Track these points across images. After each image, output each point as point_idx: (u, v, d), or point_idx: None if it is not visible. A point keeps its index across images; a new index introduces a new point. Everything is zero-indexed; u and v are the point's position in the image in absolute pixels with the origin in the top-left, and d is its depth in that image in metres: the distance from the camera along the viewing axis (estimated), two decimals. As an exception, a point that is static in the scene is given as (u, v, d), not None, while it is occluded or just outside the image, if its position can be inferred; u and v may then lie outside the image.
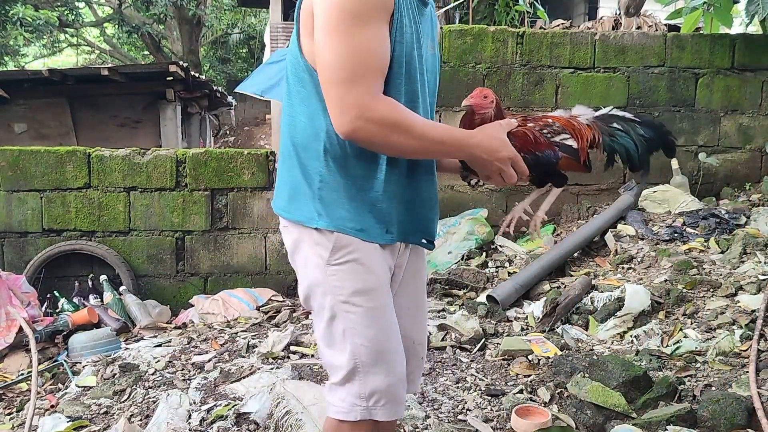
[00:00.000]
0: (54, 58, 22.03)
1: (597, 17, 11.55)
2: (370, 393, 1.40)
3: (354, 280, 1.36)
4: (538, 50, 4.68)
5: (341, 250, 1.36)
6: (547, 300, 3.40)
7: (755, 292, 3.16)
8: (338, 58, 1.22)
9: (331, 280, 1.37)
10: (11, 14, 12.46)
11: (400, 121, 1.26)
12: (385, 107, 1.25)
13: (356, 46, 1.22)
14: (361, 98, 1.23)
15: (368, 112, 1.23)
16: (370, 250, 1.39)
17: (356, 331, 1.38)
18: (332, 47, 1.23)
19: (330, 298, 1.38)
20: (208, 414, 2.40)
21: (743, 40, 4.82)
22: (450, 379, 2.66)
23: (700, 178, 4.82)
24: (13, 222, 4.17)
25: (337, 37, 1.22)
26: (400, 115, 1.27)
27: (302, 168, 1.38)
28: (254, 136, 15.93)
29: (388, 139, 1.27)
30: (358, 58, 1.22)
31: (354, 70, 1.22)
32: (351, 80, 1.22)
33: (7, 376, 3.19)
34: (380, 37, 1.26)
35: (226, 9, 19.66)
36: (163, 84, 8.16)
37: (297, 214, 1.39)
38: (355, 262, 1.37)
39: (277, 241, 4.34)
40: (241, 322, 3.71)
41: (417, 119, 1.30)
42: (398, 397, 1.45)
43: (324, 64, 1.25)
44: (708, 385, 2.41)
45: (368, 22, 1.23)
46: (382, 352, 1.40)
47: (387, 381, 1.41)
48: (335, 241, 1.36)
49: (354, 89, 1.22)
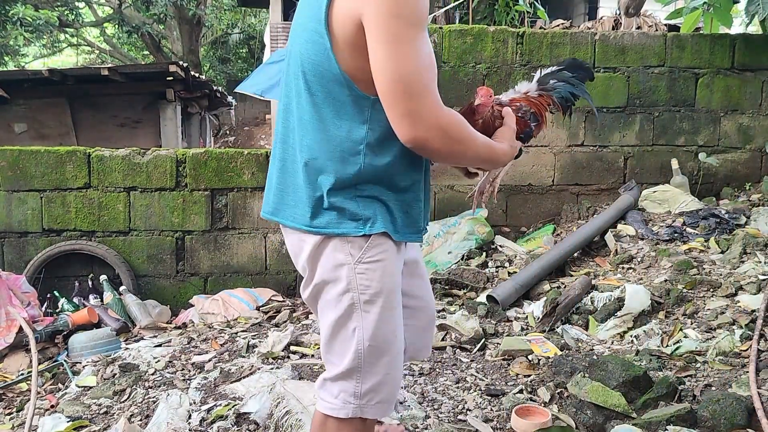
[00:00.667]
0: (54, 58, 22.03)
1: (597, 17, 11.56)
2: (365, 392, 1.42)
3: (380, 279, 1.38)
4: (538, 50, 4.68)
5: (375, 248, 1.38)
6: (547, 300, 3.40)
7: (755, 292, 3.16)
8: (409, 71, 1.22)
9: (360, 278, 1.37)
10: (11, 14, 12.46)
11: (461, 131, 1.33)
12: (452, 116, 1.31)
13: (421, 57, 1.24)
14: (434, 108, 1.25)
15: (441, 122, 1.27)
16: (394, 252, 1.42)
17: (368, 332, 1.39)
18: (401, 59, 1.22)
19: (351, 296, 1.38)
20: (208, 414, 2.40)
21: (743, 40, 4.82)
22: (450, 379, 2.66)
23: (700, 178, 4.82)
24: (13, 222, 4.17)
25: (402, 49, 1.21)
26: (462, 125, 1.34)
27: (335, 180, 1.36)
28: (254, 136, 15.93)
29: (452, 147, 1.32)
30: (425, 69, 1.24)
31: (423, 81, 1.24)
32: (422, 91, 1.24)
33: (7, 376, 3.19)
34: (431, 46, 1.30)
35: (226, 9, 19.67)
36: (163, 84, 8.16)
37: (333, 228, 1.37)
38: (384, 262, 1.39)
39: (277, 241, 4.34)
40: (241, 322, 3.71)
41: (473, 130, 1.38)
42: (392, 396, 1.47)
43: (393, 75, 1.23)
44: (708, 385, 2.41)
45: (423, 31, 1.25)
46: (387, 354, 1.42)
47: (385, 381, 1.43)
48: (371, 240, 1.38)
49: (426, 99, 1.24)
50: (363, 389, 1.42)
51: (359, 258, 1.37)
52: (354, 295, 1.38)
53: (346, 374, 1.42)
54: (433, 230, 4.39)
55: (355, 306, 1.38)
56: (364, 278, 1.38)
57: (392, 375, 1.44)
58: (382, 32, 1.22)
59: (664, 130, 4.82)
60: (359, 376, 1.41)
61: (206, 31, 19.18)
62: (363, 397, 1.42)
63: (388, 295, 1.40)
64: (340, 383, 1.43)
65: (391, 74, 1.23)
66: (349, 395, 1.42)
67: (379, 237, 1.38)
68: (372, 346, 1.40)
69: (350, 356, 1.40)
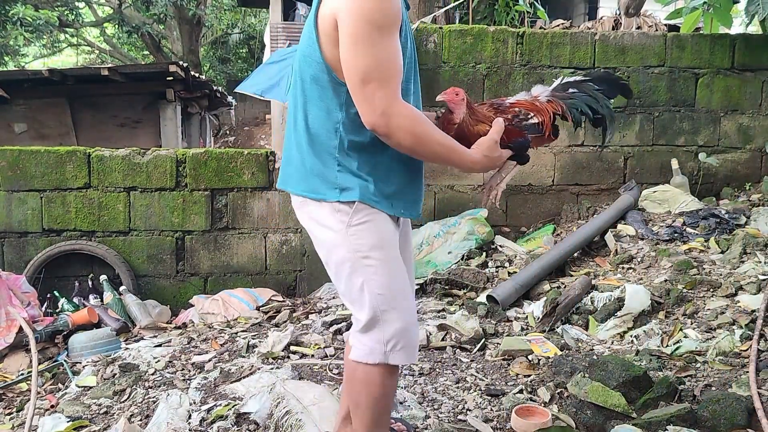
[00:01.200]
0: (54, 58, 22.02)
1: (597, 17, 11.55)
2: (388, 338, 1.60)
3: (371, 237, 1.59)
4: (538, 50, 4.68)
5: (359, 213, 1.59)
6: (547, 300, 3.40)
7: (755, 292, 3.16)
8: (366, 65, 1.44)
9: (352, 239, 1.59)
10: (11, 14, 12.45)
11: (416, 126, 1.49)
12: (406, 110, 1.48)
13: (380, 55, 1.44)
14: (386, 99, 1.45)
15: (392, 111, 1.46)
16: (381, 215, 1.62)
17: (374, 282, 1.59)
18: (360, 55, 1.44)
19: (351, 255, 1.60)
20: (208, 414, 2.40)
21: (743, 40, 4.82)
22: (450, 379, 2.66)
23: (700, 178, 4.82)
24: (13, 222, 4.17)
25: (363, 47, 1.43)
26: (418, 121, 1.50)
27: (320, 155, 1.60)
28: (254, 136, 15.93)
29: (408, 140, 1.49)
30: (383, 65, 1.44)
31: (379, 75, 1.44)
32: (377, 83, 1.44)
33: (7, 376, 3.19)
34: (397, 47, 1.48)
35: (226, 9, 19.65)
36: (163, 84, 8.16)
37: (320, 194, 1.61)
38: (371, 222, 1.60)
39: (277, 241, 4.35)
40: (241, 322, 3.71)
41: (431, 128, 1.53)
42: (413, 341, 1.64)
43: (353, 69, 1.46)
44: (708, 385, 2.41)
45: (388, 33, 1.45)
46: (397, 299, 1.61)
47: (403, 325, 1.61)
48: (355, 207, 1.59)
49: (379, 91, 1.44)
50: (386, 336, 1.60)
51: (348, 222, 1.59)
52: (352, 255, 1.60)
53: (370, 325, 1.61)
54: (433, 230, 4.39)
55: (357, 264, 1.60)
56: (356, 239, 1.59)
57: (410, 321, 1.62)
58: (348, 31, 1.44)
59: (664, 130, 4.82)
60: (380, 325, 1.60)
61: (206, 31, 19.17)
62: (387, 343, 1.60)
63: (382, 249, 1.60)
64: (369, 334, 1.62)
65: (352, 66, 1.45)
66: (375, 342, 1.61)
67: (362, 204, 1.59)
68: (381, 295, 1.59)
69: (367, 308, 1.60)
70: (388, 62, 1.45)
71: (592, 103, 1.79)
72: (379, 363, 1.62)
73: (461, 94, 1.67)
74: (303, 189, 1.65)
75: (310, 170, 1.62)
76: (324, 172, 1.60)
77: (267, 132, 15.32)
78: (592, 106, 1.79)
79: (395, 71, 1.47)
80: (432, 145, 1.53)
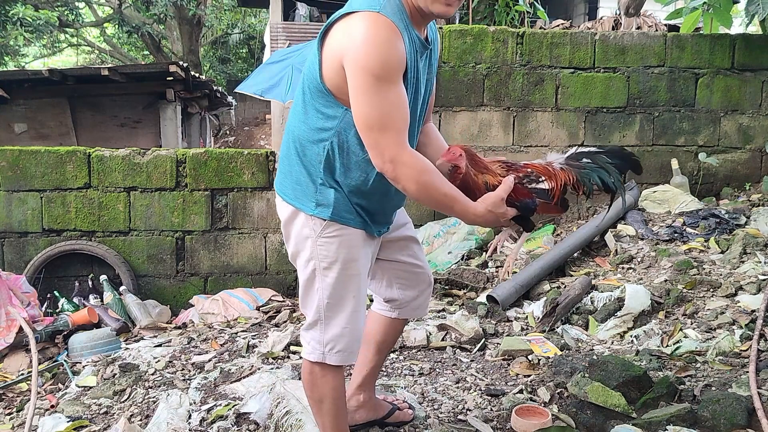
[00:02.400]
0: (54, 58, 22.02)
1: (597, 17, 11.56)
2: (327, 340, 1.73)
3: (336, 252, 1.69)
4: (538, 50, 4.68)
5: (330, 227, 1.68)
6: (547, 300, 3.40)
7: (755, 292, 3.16)
8: (368, 114, 1.53)
9: (319, 249, 1.69)
10: (11, 14, 12.45)
11: (421, 174, 1.56)
12: (411, 159, 1.56)
13: (381, 105, 1.52)
14: (391, 147, 1.53)
15: (398, 160, 1.54)
16: (353, 232, 1.71)
17: (326, 291, 1.71)
18: (365, 104, 1.52)
19: (314, 263, 1.71)
20: (208, 414, 2.40)
21: (743, 40, 4.82)
22: (450, 379, 2.66)
23: (700, 178, 4.82)
24: (13, 222, 4.17)
25: (367, 97, 1.51)
26: (422, 169, 1.56)
27: (306, 166, 1.69)
28: (254, 136, 15.92)
29: (413, 186, 1.57)
30: (385, 115, 1.52)
31: (381, 124, 1.52)
32: (379, 132, 1.53)
33: (7, 376, 3.19)
34: (400, 94, 1.55)
35: (226, 9, 19.63)
36: (163, 84, 8.16)
37: (299, 203, 1.71)
38: (340, 238, 1.69)
39: (277, 241, 4.35)
40: (241, 322, 3.71)
41: (437, 178, 1.59)
42: (350, 348, 1.76)
43: (358, 117, 1.55)
44: (708, 385, 2.41)
45: (390, 83, 1.52)
46: (343, 311, 1.72)
47: (343, 334, 1.73)
48: (326, 222, 1.68)
49: (383, 138, 1.53)
50: (325, 338, 1.73)
51: (319, 233, 1.69)
52: (315, 262, 1.71)
53: (312, 324, 1.75)
54: (433, 230, 4.39)
55: (316, 271, 1.71)
56: (323, 249, 1.69)
57: (349, 329, 1.74)
58: (352, 80, 1.53)
59: (664, 130, 4.82)
60: (322, 327, 1.73)
61: (206, 31, 19.16)
62: (326, 345, 1.73)
63: (344, 264, 1.70)
64: (310, 332, 1.77)
65: (357, 114, 1.55)
66: (316, 342, 1.75)
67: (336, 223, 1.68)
68: (329, 303, 1.71)
69: (314, 310, 1.74)
70: (390, 112, 1.52)
71: (603, 175, 1.81)
72: (317, 361, 1.75)
73: (458, 151, 1.71)
74: (285, 192, 1.76)
75: (295, 177, 1.72)
76: (305, 183, 1.69)
77: (267, 132, 15.32)
78: (604, 178, 1.81)
79: (398, 120, 1.54)
80: (436, 194, 1.60)
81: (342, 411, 1.85)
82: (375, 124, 1.53)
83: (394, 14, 1.55)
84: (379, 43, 1.50)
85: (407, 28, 1.58)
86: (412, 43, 1.60)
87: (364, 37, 1.49)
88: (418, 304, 2.05)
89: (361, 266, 1.74)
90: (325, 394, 1.79)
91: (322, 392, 1.79)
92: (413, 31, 1.61)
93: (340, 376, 1.81)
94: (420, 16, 1.62)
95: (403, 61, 1.54)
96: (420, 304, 2.06)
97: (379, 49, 1.50)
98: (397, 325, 2.09)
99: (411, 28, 1.60)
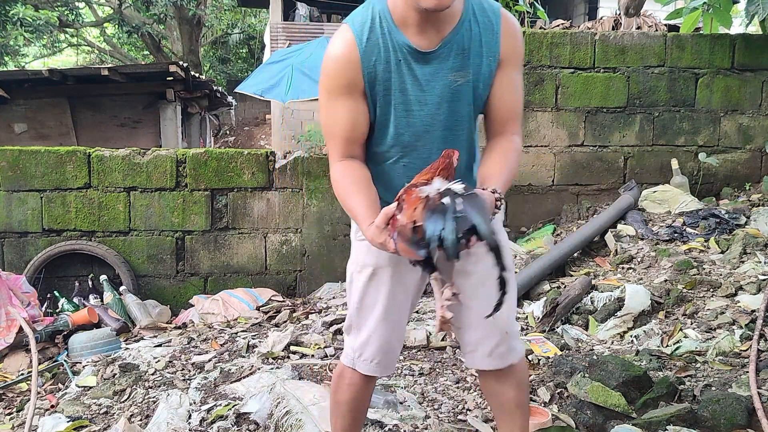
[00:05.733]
0: (54, 58, 22.01)
1: (597, 17, 11.55)
2: (357, 347, 1.70)
3: (365, 255, 1.65)
4: (538, 50, 4.68)
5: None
6: (547, 300, 3.40)
7: (755, 292, 3.16)
8: (322, 122, 1.61)
9: (354, 251, 1.72)
10: (11, 14, 12.44)
11: (338, 183, 1.58)
12: (334, 173, 1.59)
13: (327, 115, 1.58)
14: (330, 153, 1.61)
15: (330, 165, 1.61)
16: None
17: (355, 295, 1.69)
18: (321, 113, 1.60)
19: (351, 265, 1.72)
20: (208, 414, 2.40)
21: (743, 40, 4.82)
22: (450, 379, 2.66)
23: (700, 178, 4.82)
24: (13, 222, 4.17)
25: (321, 107, 1.59)
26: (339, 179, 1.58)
27: None
28: (254, 136, 15.91)
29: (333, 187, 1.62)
30: (328, 125, 1.59)
31: (325, 132, 1.61)
32: (327, 138, 1.61)
33: (7, 376, 3.19)
34: (347, 108, 1.54)
35: (226, 9, 19.63)
36: (163, 84, 8.15)
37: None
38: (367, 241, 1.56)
39: (277, 241, 4.35)
40: (241, 322, 3.71)
41: (347, 192, 1.55)
42: (376, 357, 1.69)
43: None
44: (708, 385, 2.41)
45: (336, 97, 1.54)
46: (369, 317, 1.67)
47: (369, 342, 1.68)
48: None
49: (329, 145, 1.61)
50: (356, 344, 1.70)
51: (354, 235, 1.70)
52: (352, 264, 1.71)
53: (348, 328, 1.75)
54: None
55: (353, 274, 1.71)
56: (355, 251, 1.71)
57: (375, 337, 1.67)
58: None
59: (664, 130, 4.82)
60: (355, 332, 1.71)
61: (206, 31, 19.15)
62: (356, 351, 1.70)
63: (374, 270, 1.64)
64: (347, 336, 1.76)
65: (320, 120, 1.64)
66: (350, 348, 1.73)
67: None
68: (358, 308, 1.68)
69: (348, 313, 1.74)
70: (330, 125, 1.58)
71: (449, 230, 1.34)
72: (348, 366, 1.73)
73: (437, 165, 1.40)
74: None
75: None
76: None
77: (267, 132, 15.31)
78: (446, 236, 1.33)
79: (337, 133, 1.57)
80: (344, 206, 1.59)
81: (358, 421, 1.82)
82: (324, 132, 1.62)
83: (363, 24, 1.49)
84: (328, 57, 1.53)
85: (387, 35, 1.48)
86: (394, 51, 1.49)
87: (326, 50, 1.55)
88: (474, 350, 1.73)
89: (390, 275, 1.63)
90: (347, 400, 1.77)
91: (344, 396, 1.77)
92: (398, 36, 1.49)
93: (366, 387, 1.77)
94: (417, 17, 1.46)
95: (352, 75, 1.50)
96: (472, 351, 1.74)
97: (326, 64, 1.53)
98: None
99: (395, 34, 1.49)
